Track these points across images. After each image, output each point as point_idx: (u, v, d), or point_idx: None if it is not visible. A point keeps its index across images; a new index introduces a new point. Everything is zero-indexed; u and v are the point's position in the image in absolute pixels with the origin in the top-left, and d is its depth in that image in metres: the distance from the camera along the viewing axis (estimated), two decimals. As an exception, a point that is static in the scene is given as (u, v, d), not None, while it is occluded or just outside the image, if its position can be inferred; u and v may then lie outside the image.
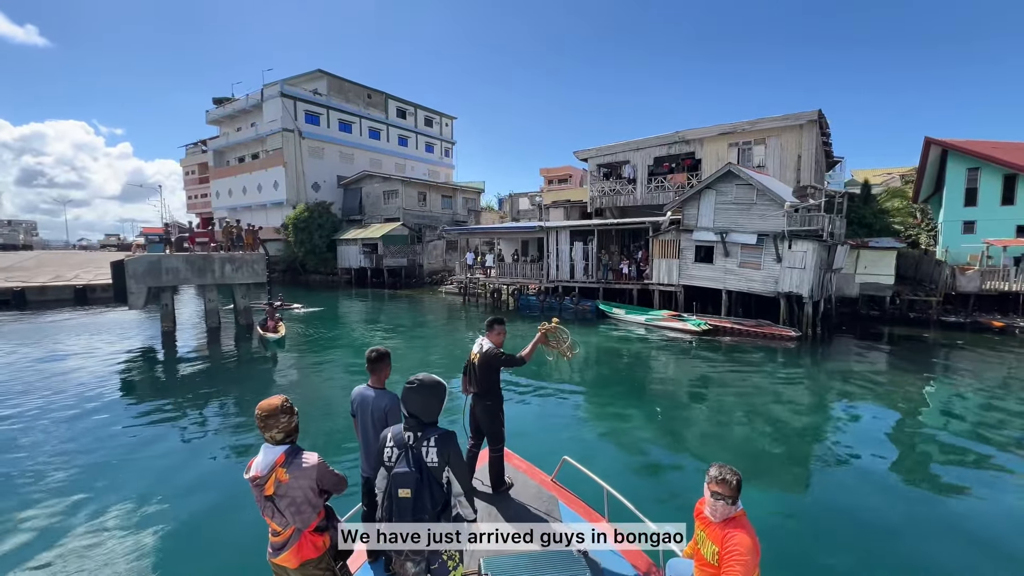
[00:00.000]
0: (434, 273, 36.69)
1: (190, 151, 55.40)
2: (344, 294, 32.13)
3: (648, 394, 11.16)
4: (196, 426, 8.73)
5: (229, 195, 47.25)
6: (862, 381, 11.60)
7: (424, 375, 2.54)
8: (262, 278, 17.62)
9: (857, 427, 8.84)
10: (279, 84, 40.96)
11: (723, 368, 12.84)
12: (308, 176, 42.47)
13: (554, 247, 22.24)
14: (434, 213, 41.25)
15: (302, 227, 36.89)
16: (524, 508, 4.05)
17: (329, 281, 39.04)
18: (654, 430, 8.67)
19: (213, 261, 16.56)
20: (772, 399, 10.36)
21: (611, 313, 19.15)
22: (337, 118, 44.79)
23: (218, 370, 12.92)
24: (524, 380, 11.23)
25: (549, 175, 58.29)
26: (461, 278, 27.14)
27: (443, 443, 2.43)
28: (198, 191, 53.76)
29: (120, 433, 8.19)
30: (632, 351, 14.76)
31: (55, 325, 18.89)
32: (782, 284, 15.63)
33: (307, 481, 2.52)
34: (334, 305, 27.64)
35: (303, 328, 19.04)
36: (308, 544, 2.58)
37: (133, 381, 11.65)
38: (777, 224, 15.40)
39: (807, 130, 20.21)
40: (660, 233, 18.86)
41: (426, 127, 54.13)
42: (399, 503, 2.36)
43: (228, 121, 48.29)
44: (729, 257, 16.80)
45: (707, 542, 2.49)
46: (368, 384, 3.35)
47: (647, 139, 24.58)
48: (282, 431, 2.53)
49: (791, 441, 8.20)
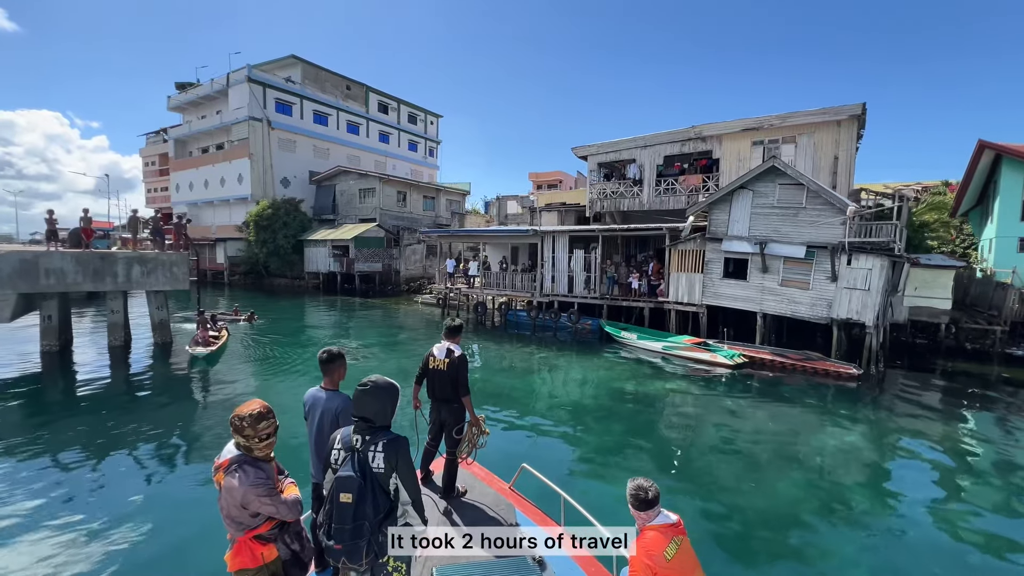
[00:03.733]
0: (412, 280, 33.14)
1: (151, 140, 50.85)
2: (311, 301, 28.44)
3: (662, 440, 8.61)
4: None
5: (190, 189, 43.05)
6: (959, 441, 8.52)
7: (378, 377, 2.47)
8: (183, 284, 13.91)
9: (981, 525, 5.68)
10: (246, 68, 37.14)
11: (761, 412, 9.79)
12: (277, 170, 38.64)
13: (550, 255, 18.97)
14: (414, 215, 37.76)
15: (265, 225, 32.98)
16: (481, 515, 3.95)
17: (295, 286, 35.20)
18: (669, 483, 6.87)
19: (115, 262, 12.83)
20: (835, 461, 7.62)
21: (619, 337, 15.88)
22: (312, 109, 41.13)
23: (105, 404, 9.39)
24: (515, 410, 9.53)
25: (538, 180, 55.48)
26: (440, 288, 23.68)
27: (391, 448, 2.35)
28: (158, 184, 49.24)
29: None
30: (647, 388, 11.50)
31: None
32: (837, 308, 12.57)
33: (232, 497, 2.40)
34: (296, 314, 23.91)
35: (249, 341, 15.54)
36: (246, 551, 2.46)
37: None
38: (833, 234, 12.38)
39: (846, 127, 17.37)
40: (680, 242, 15.73)
41: (409, 124, 50.73)
42: (340, 508, 2.26)
43: (192, 108, 44.14)
44: (768, 273, 13.73)
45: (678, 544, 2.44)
46: (321, 386, 3.23)
47: (657, 135, 21.56)
48: (243, 446, 2.47)
49: (871, 535, 5.07)
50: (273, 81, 38.46)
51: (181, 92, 44.56)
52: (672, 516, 2.46)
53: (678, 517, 2.48)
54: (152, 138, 50.91)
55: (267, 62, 41.31)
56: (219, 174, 39.85)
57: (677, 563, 2.34)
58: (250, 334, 16.76)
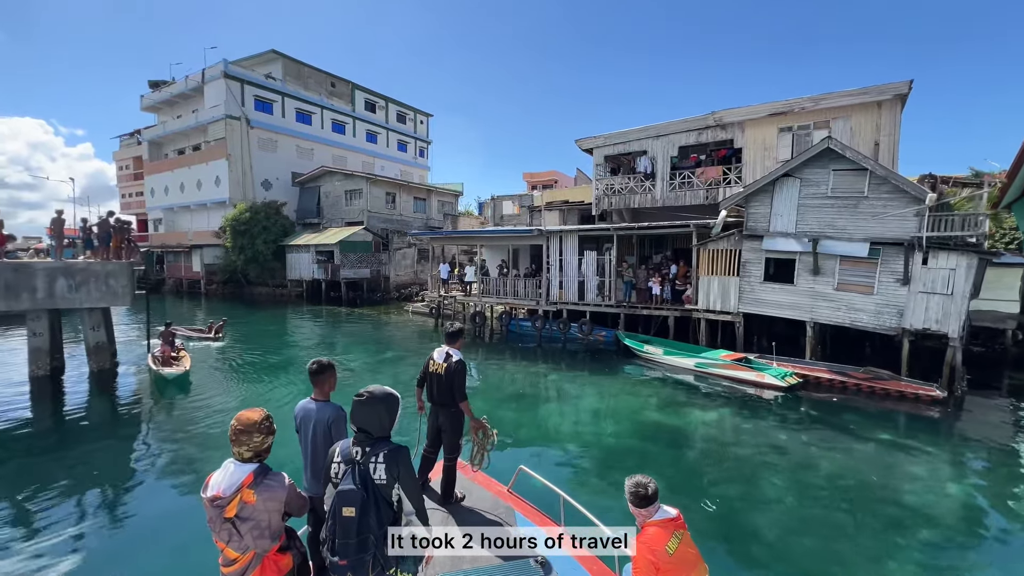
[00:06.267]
0: (402, 287, 30.87)
1: (125, 142, 48.13)
2: (293, 312, 26.09)
3: (715, 499, 6.44)
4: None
5: (165, 193, 40.48)
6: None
7: (375, 387, 2.38)
8: (124, 299, 11.54)
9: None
10: (222, 64, 34.73)
11: (829, 450, 7.71)
12: (257, 172, 36.21)
13: (556, 258, 16.80)
14: (404, 217, 35.47)
15: (242, 230, 30.49)
16: (480, 518, 3.87)
17: (277, 295, 32.77)
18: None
19: (33, 273, 10.47)
20: (946, 522, 5.46)
21: (641, 351, 13.71)
22: (294, 107, 38.77)
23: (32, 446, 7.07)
24: (525, 455, 7.30)
25: (533, 180, 53.40)
26: (434, 296, 21.42)
27: (392, 459, 2.24)
28: (133, 188, 46.54)
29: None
30: (683, 419, 9.32)
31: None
32: (910, 317, 10.49)
33: (276, 504, 2.27)
34: (274, 328, 21.51)
35: (213, 364, 13.28)
36: (271, 567, 2.33)
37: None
38: (905, 228, 10.33)
39: (889, 109, 15.36)
40: (710, 240, 13.62)
41: (399, 123, 48.47)
42: (343, 522, 2.14)
43: (167, 107, 41.59)
44: (820, 275, 11.65)
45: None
46: (311, 397, 3.10)
47: (671, 123, 19.47)
48: (252, 450, 2.27)
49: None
50: (252, 77, 36.08)
51: (155, 91, 41.96)
52: (672, 511, 2.44)
53: (678, 511, 2.46)
54: (126, 140, 48.19)
55: (246, 58, 38.94)
56: (195, 176, 37.34)
57: (679, 557, 2.32)
58: (215, 358, 14.36)
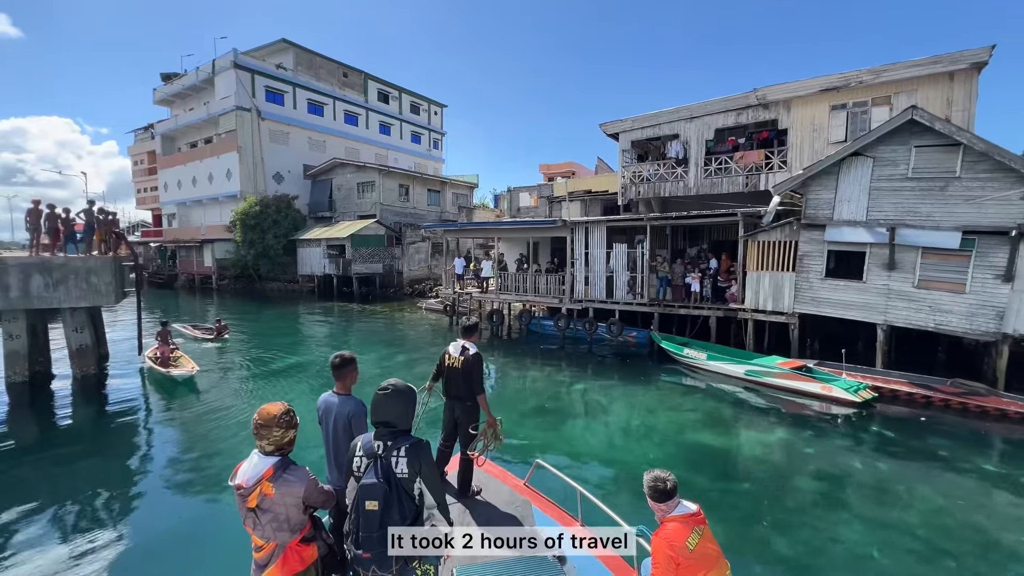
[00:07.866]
0: (416, 282, 29.69)
1: (139, 137, 47.86)
2: (304, 308, 25.14)
3: (759, 519, 5.02)
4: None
5: (178, 187, 40.00)
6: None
7: (397, 380, 2.38)
8: (108, 299, 10.47)
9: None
10: (232, 54, 33.84)
11: (917, 484, 6.04)
12: (269, 164, 35.34)
13: (582, 251, 15.32)
14: (418, 210, 34.29)
15: (252, 224, 29.64)
16: (497, 513, 3.88)
17: (289, 291, 31.95)
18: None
19: (5, 270, 9.44)
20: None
21: (680, 355, 12.20)
22: (306, 98, 37.78)
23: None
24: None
25: (550, 172, 51.63)
26: (448, 292, 20.14)
27: (414, 453, 2.26)
28: (148, 183, 46.28)
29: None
30: (736, 440, 7.83)
31: None
32: (1013, 320, 8.80)
33: (293, 499, 2.31)
34: (283, 327, 20.47)
35: (216, 372, 12.21)
36: (294, 556, 2.37)
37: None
38: (1010, 214, 8.62)
39: (962, 81, 13.44)
40: (760, 231, 12.01)
41: (412, 114, 47.20)
42: (366, 516, 2.17)
43: (179, 100, 41.03)
44: (897, 270, 9.97)
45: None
46: (334, 391, 3.16)
47: (706, 103, 17.75)
48: (273, 444, 2.32)
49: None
50: (262, 68, 35.14)
51: (167, 83, 41.40)
52: (692, 506, 2.40)
53: (698, 506, 2.41)
54: (140, 135, 47.92)
55: (256, 48, 38.02)
56: (207, 170, 36.69)
57: (700, 552, 2.28)
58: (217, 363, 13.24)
